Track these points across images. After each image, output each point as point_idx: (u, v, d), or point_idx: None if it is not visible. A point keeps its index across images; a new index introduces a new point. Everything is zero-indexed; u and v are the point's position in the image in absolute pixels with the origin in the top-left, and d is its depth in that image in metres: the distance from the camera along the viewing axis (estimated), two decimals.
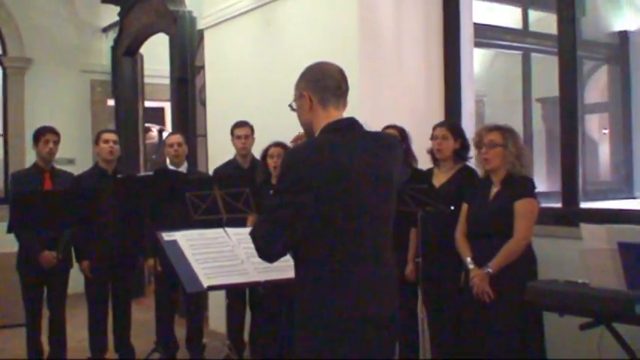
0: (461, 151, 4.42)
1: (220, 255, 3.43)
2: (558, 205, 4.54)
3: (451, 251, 4.12)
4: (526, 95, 6.75)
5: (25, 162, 7.41)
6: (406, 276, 4.43)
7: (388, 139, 2.68)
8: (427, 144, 4.49)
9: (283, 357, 4.57)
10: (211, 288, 3.35)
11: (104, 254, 5.09)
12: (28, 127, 7.24)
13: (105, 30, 9.26)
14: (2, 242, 5.47)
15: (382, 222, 2.48)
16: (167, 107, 9.84)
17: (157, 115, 10.88)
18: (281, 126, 3.60)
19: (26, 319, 5.05)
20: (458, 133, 4.43)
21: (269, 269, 3.13)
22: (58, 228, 4.89)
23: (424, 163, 4.63)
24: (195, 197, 4.63)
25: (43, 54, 8.78)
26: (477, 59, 6.08)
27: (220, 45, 6.51)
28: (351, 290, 2.37)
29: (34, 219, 4.56)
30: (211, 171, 5.86)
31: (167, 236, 3.46)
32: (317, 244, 2.38)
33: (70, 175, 5.27)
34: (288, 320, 4.34)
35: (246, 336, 5.36)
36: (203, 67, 6.96)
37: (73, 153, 7.98)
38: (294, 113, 2.62)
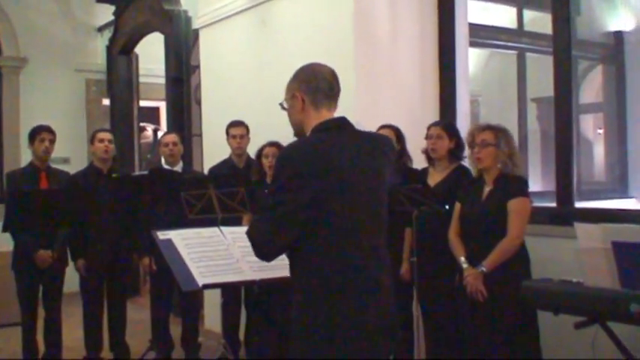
0: (456, 151, 4.42)
1: (215, 254, 3.42)
2: (553, 205, 4.55)
3: (446, 250, 4.13)
4: (521, 95, 6.76)
5: (21, 161, 7.39)
6: (401, 275, 4.45)
7: (380, 139, 2.68)
8: (422, 143, 4.50)
9: (278, 356, 4.57)
10: (206, 286, 3.34)
11: (99, 253, 5.09)
12: (24, 127, 7.21)
13: (100, 29, 9.25)
14: None
15: (376, 220, 2.48)
16: (162, 106, 9.83)
17: (152, 115, 10.88)
18: (276, 126, 3.60)
19: (22, 318, 5.05)
20: (453, 133, 4.44)
21: (264, 268, 3.14)
22: (54, 227, 4.89)
23: (419, 163, 4.64)
24: (190, 196, 4.63)
25: (38, 53, 8.76)
26: (472, 59, 6.07)
27: (215, 44, 6.50)
28: (347, 295, 2.36)
29: (30, 218, 4.57)
30: (206, 170, 5.87)
31: (162, 235, 3.45)
32: (312, 244, 2.37)
33: (66, 175, 5.26)
34: (283, 319, 4.34)
35: (241, 335, 5.37)
36: (198, 67, 6.96)
37: (68, 152, 7.96)
38: None
